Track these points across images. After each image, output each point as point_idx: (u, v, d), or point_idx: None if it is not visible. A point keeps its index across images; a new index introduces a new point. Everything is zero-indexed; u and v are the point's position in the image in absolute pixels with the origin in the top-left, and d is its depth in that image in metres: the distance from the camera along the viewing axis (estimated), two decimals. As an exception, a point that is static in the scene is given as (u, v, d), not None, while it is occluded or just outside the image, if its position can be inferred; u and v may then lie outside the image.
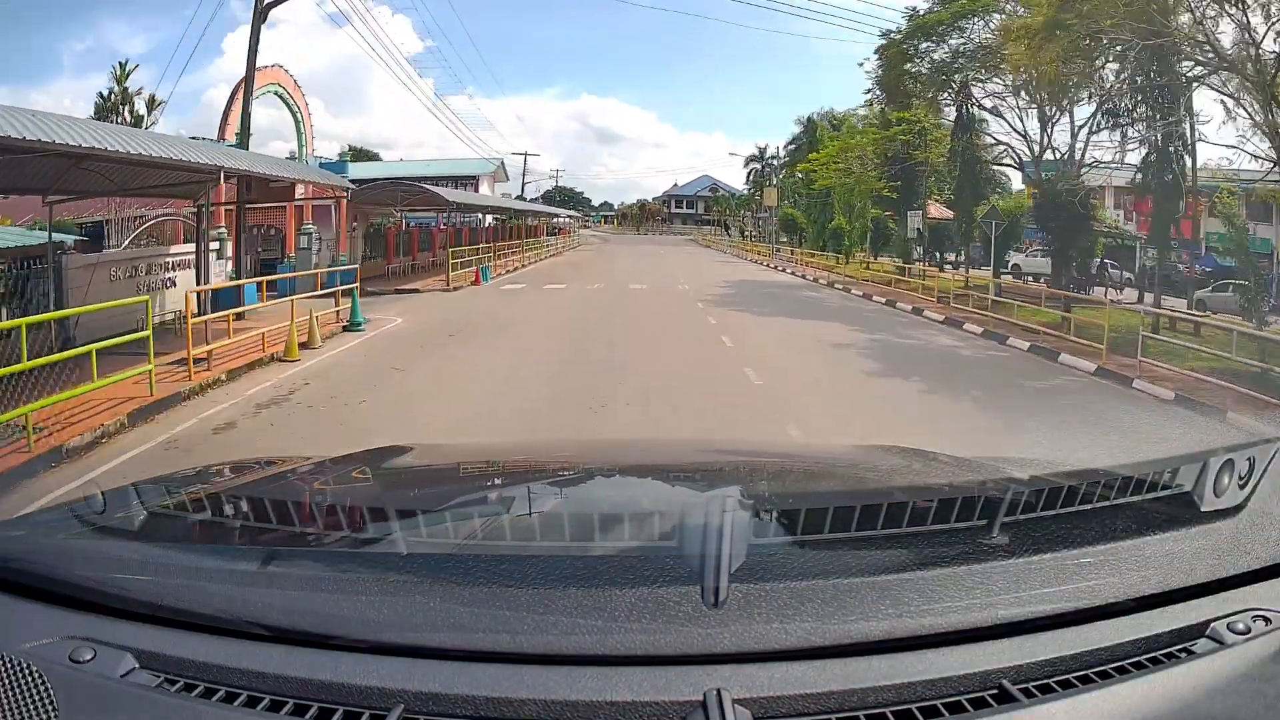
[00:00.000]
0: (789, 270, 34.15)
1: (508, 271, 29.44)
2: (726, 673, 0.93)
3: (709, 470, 2.08)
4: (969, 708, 0.93)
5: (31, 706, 0.90)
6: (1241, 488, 1.28)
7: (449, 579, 1.12)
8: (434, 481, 2.00)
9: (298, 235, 21.87)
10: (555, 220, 58.66)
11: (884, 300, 21.02)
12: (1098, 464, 1.67)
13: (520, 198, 57.56)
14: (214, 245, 16.52)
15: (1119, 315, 13.68)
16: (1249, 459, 1.33)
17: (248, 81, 17.03)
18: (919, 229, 26.72)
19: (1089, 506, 1.35)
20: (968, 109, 25.46)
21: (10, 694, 0.91)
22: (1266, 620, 1.06)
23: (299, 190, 21.47)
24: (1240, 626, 1.05)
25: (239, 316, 12.66)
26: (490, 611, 1.03)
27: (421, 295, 20.30)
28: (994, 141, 24.40)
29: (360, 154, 59.18)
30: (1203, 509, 1.28)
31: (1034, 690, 0.95)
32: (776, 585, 1.05)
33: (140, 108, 32.21)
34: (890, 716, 0.92)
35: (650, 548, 1.32)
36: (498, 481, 1.96)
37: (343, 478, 1.89)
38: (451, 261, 23.13)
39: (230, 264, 15.82)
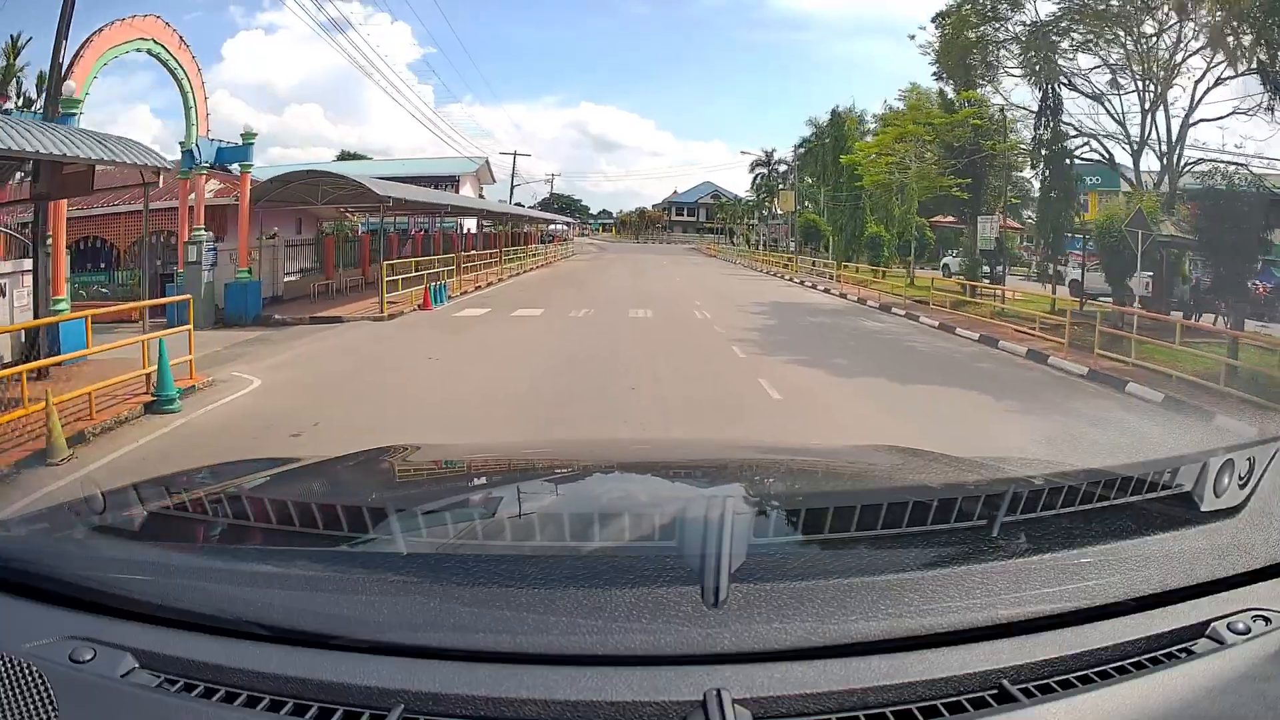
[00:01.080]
0: (821, 287, 28.30)
1: (476, 288, 23.91)
2: (726, 673, 0.93)
3: (709, 470, 2.07)
4: (969, 708, 0.92)
5: (31, 706, 0.90)
6: (1241, 488, 1.28)
7: (449, 579, 1.11)
8: (434, 481, 2.00)
9: (186, 245, 16.44)
10: (551, 227, 54.05)
11: (976, 336, 15.29)
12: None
13: (518, 204, 54.18)
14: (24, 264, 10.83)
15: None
16: (1249, 459, 1.33)
17: (63, 19, 11.49)
18: (997, 238, 21.10)
19: (1089, 506, 1.35)
20: (1054, 88, 20.09)
21: (10, 694, 0.91)
22: (1266, 620, 1.05)
23: (206, 187, 16.84)
24: (1240, 626, 1.04)
25: (40, 374, 8.30)
26: (490, 611, 1.02)
27: (339, 328, 15.26)
28: (1074, 131, 19.70)
29: (354, 158, 56.42)
30: (1203, 509, 1.28)
31: (1034, 690, 0.94)
32: (776, 585, 1.05)
33: (30, 87, 26.45)
34: (890, 716, 0.91)
35: (650, 547, 1.32)
36: (498, 481, 1.95)
37: (343, 478, 1.87)
38: (388, 279, 17.51)
39: (55, 288, 10.81)
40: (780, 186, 53.54)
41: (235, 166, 17.10)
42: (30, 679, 0.91)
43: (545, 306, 18.71)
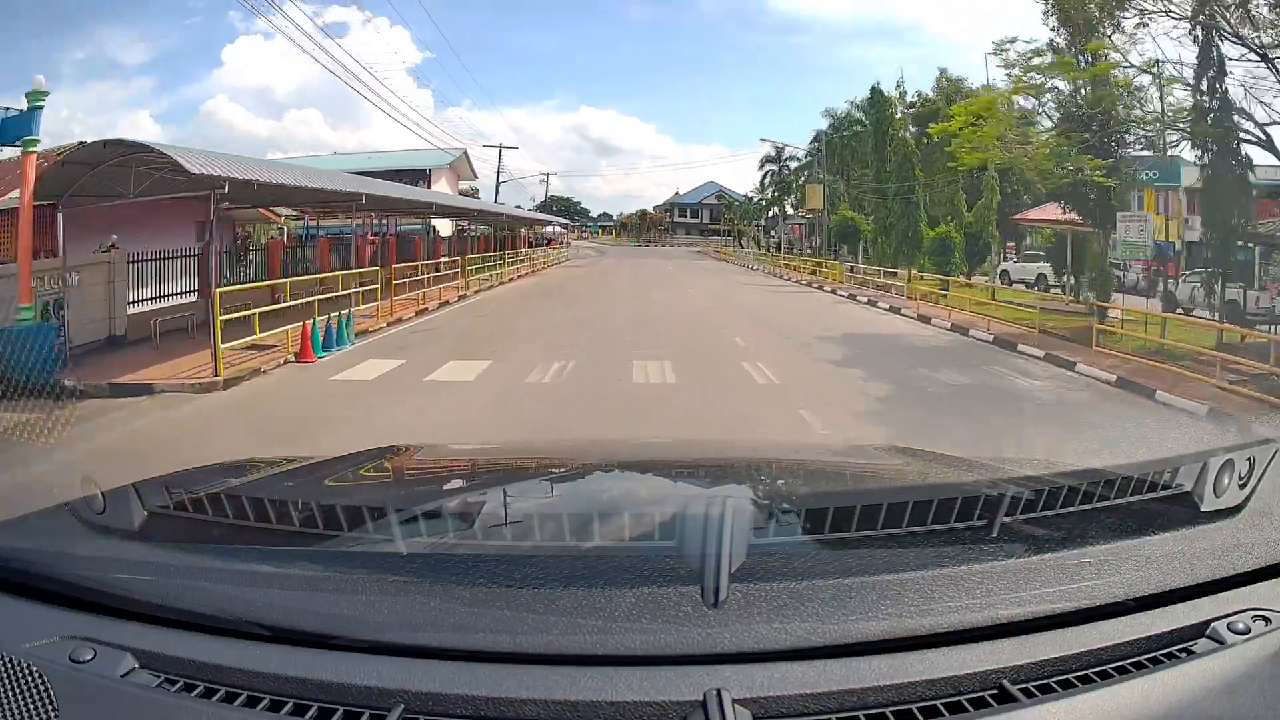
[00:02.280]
0: (884, 304, 21.26)
1: (419, 313, 17.14)
2: (726, 673, 0.92)
3: (709, 470, 2.06)
4: (969, 708, 0.92)
5: (31, 706, 0.90)
6: (1241, 488, 1.28)
7: (449, 579, 1.11)
8: (434, 481, 1.98)
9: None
10: (546, 229, 49.91)
11: (1204, 410, 9.04)
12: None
13: (518, 206, 50.17)
14: None
15: None
16: (1249, 459, 1.32)
17: None
18: (1163, 242, 14.72)
19: (1089, 506, 1.35)
20: (1216, 39, 14.45)
21: (10, 694, 0.91)
22: (1266, 620, 1.05)
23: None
24: (1240, 626, 1.04)
25: None
26: (490, 611, 1.02)
27: (123, 414, 8.53)
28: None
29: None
30: (1203, 509, 1.28)
31: (1034, 690, 0.94)
32: (776, 585, 1.04)
33: None
34: (890, 716, 0.91)
35: (650, 547, 1.32)
36: (498, 481, 1.93)
37: (343, 478, 1.86)
38: (223, 315, 10.32)
39: None
40: (796, 182, 47.69)
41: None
42: (30, 679, 0.91)
43: (495, 355, 11.43)
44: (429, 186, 35.45)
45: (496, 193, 48.03)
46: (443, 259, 24.73)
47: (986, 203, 22.35)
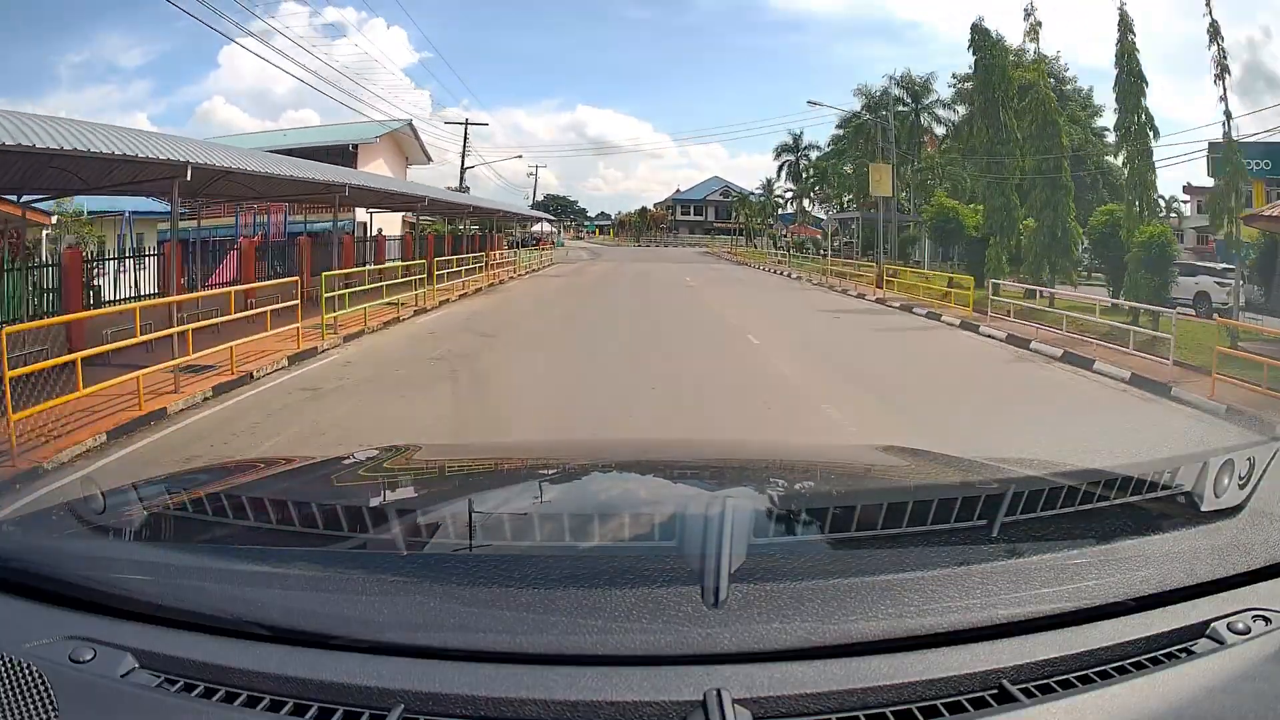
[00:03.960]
0: (1108, 364, 11.28)
1: (128, 422, 7.22)
2: (726, 673, 0.93)
3: (709, 470, 2.06)
4: (969, 708, 0.92)
5: (31, 706, 0.90)
6: (1241, 488, 1.28)
7: (449, 579, 1.11)
8: (434, 481, 1.99)
9: None
10: (535, 228, 46.07)
11: None
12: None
13: (528, 201, 45.47)
14: None
15: None
16: (1249, 459, 1.33)
17: None
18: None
19: (1089, 506, 1.36)
20: None
21: (10, 694, 0.91)
22: (1266, 620, 1.05)
23: None
24: (1240, 626, 1.04)
25: None
26: (490, 611, 1.02)
27: None
28: None
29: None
30: (1203, 509, 1.29)
31: (1034, 690, 0.94)
32: (776, 585, 1.05)
33: None
34: (890, 716, 0.91)
35: (650, 547, 1.32)
36: (498, 481, 1.94)
37: (343, 478, 1.87)
38: None
39: None
40: (828, 169, 41.93)
41: None
42: (30, 679, 0.92)
43: None
44: (355, 167, 26.71)
45: (461, 177, 39.82)
46: (263, 281, 14.27)
47: (1229, 184, 14.40)
